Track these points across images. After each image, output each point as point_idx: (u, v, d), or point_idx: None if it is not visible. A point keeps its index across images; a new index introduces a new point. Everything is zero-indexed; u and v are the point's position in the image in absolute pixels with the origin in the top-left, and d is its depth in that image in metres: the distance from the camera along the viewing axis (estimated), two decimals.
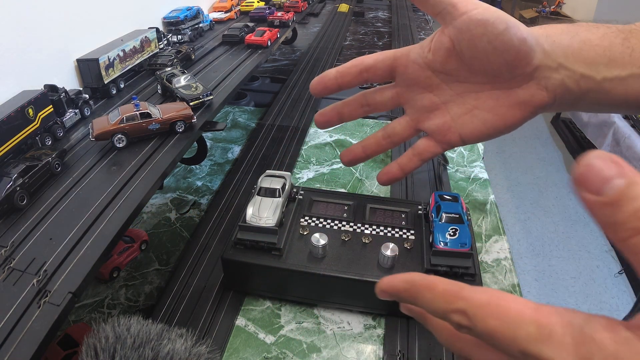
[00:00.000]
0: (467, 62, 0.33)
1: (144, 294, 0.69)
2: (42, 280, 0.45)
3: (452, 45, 0.33)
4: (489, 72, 0.33)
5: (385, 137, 0.40)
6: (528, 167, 2.77)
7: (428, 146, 0.38)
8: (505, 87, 0.33)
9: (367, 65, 0.37)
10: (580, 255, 2.08)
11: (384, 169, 0.41)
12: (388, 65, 0.37)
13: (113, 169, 0.64)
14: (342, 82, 0.37)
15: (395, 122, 0.39)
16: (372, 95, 0.39)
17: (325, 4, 2.44)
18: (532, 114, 0.34)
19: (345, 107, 0.39)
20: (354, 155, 0.41)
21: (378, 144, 0.40)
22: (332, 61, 1.59)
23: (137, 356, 0.43)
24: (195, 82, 0.85)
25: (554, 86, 0.32)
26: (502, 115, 0.34)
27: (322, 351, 0.59)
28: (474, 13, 0.31)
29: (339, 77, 0.37)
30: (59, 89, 0.76)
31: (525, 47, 0.31)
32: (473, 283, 0.58)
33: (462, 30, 0.32)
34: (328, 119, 0.40)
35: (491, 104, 0.34)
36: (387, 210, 0.69)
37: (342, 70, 0.37)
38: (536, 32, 0.32)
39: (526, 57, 0.31)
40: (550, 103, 0.33)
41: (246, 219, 0.62)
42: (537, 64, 0.32)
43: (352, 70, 0.37)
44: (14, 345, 0.39)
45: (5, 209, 0.54)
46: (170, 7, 1.27)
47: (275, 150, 1.03)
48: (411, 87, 0.37)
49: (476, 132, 0.35)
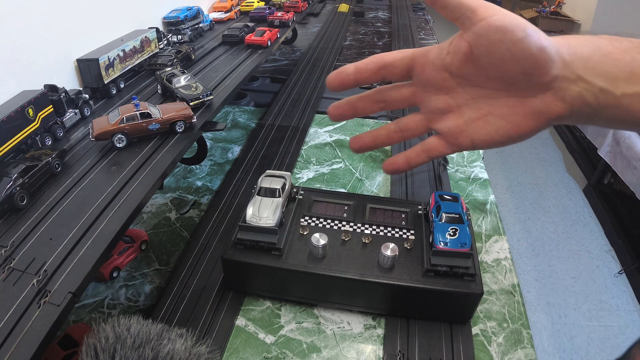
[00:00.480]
0: (484, 68, 0.33)
1: (144, 294, 0.69)
2: (42, 280, 0.45)
3: (470, 50, 0.33)
4: (505, 79, 0.33)
5: (397, 131, 0.39)
6: (528, 167, 2.77)
7: (438, 145, 0.38)
8: (521, 96, 0.33)
9: (385, 63, 0.36)
10: (580, 255, 2.08)
11: (391, 159, 0.41)
12: (406, 64, 0.36)
13: (113, 169, 0.64)
14: (360, 78, 0.37)
15: (409, 118, 0.39)
16: (388, 92, 0.39)
17: (325, 4, 2.44)
18: (546, 124, 0.33)
19: (360, 102, 0.39)
20: (363, 143, 0.41)
21: (389, 135, 0.40)
22: (332, 61, 1.59)
23: (137, 356, 0.43)
24: (195, 82, 0.85)
25: (571, 98, 0.31)
26: (515, 124, 0.34)
27: (322, 351, 0.59)
28: (493, 19, 0.31)
29: (357, 73, 0.36)
30: (59, 89, 0.76)
31: (544, 56, 0.30)
32: (473, 283, 0.58)
33: (481, 36, 0.31)
34: (342, 112, 0.39)
35: (505, 111, 0.34)
36: (387, 210, 0.69)
37: (361, 67, 0.37)
38: (557, 42, 0.31)
39: (544, 66, 0.31)
40: (566, 115, 0.32)
41: (246, 219, 0.62)
42: (556, 74, 0.31)
43: (370, 66, 0.36)
44: (14, 345, 0.39)
45: (5, 209, 0.54)
46: (170, 7, 1.27)
47: (275, 150, 1.03)
48: (427, 87, 0.37)
49: (488, 139, 0.35)
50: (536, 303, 1.82)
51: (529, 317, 0.65)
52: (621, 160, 1.97)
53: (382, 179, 0.96)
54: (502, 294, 0.69)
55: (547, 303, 1.82)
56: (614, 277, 1.95)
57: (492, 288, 0.70)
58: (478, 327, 0.63)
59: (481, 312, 0.65)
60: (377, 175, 0.97)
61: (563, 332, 1.69)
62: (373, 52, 1.80)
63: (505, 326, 0.63)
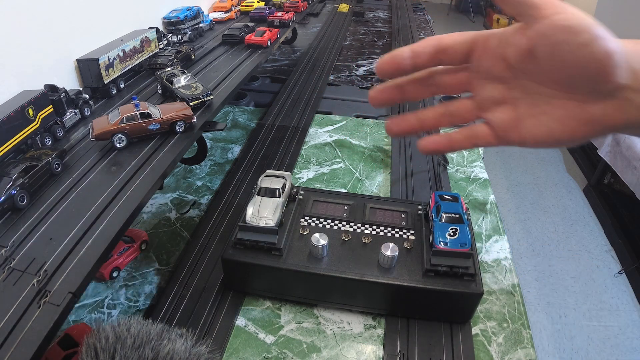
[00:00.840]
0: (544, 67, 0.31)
1: (144, 294, 0.69)
2: (42, 280, 0.45)
3: (530, 48, 0.30)
4: (565, 82, 0.31)
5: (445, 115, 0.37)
6: (528, 167, 2.77)
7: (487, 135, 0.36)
8: (580, 100, 0.31)
9: (444, 45, 0.34)
10: (580, 255, 2.08)
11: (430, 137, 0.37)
12: (466, 48, 0.34)
13: (113, 169, 0.64)
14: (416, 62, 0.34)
15: (459, 102, 0.37)
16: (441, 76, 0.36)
17: (325, 4, 2.44)
18: (600, 133, 0.31)
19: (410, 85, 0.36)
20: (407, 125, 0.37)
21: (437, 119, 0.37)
22: (332, 61, 1.59)
23: (137, 356, 0.43)
24: (195, 82, 0.85)
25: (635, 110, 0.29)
26: (569, 128, 0.32)
27: (322, 351, 0.59)
28: (557, 18, 0.28)
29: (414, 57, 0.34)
30: (59, 89, 0.76)
31: (611, 63, 0.28)
32: (473, 283, 0.58)
33: (543, 35, 0.29)
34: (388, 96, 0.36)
35: (561, 113, 0.32)
36: (387, 210, 0.69)
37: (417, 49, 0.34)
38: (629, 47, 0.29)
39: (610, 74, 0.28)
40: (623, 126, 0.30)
41: (246, 219, 0.62)
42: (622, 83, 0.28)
43: (427, 49, 0.34)
44: (14, 345, 0.39)
45: (6, 209, 0.54)
46: (170, 7, 1.27)
47: (275, 150, 1.03)
48: (484, 74, 0.34)
49: (537, 138, 0.33)
50: (536, 303, 1.82)
51: (529, 317, 0.65)
52: (621, 160, 1.97)
53: (382, 179, 0.96)
54: (502, 294, 0.69)
55: (547, 303, 1.82)
56: (614, 277, 1.95)
57: (492, 288, 0.70)
58: (478, 327, 0.63)
59: (481, 312, 0.65)
60: (377, 175, 0.97)
61: (563, 332, 1.69)
62: (373, 52, 1.81)
63: (505, 326, 0.63)
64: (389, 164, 1.00)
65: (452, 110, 0.37)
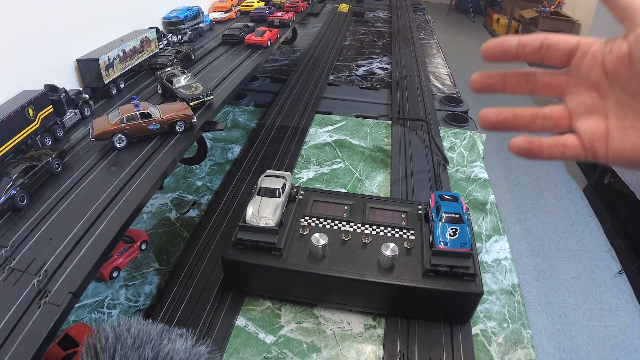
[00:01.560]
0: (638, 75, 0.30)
1: (144, 294, 0.69)
2: (42, 280, 0.45)
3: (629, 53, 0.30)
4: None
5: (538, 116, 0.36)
6: (528, 167, 2.77)
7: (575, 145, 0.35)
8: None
9: (550, 42, 0.34)
10: (580, 255, 2.08)
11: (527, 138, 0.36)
12: (570, 49, 0.34)
13: (113, 169, 0.64)
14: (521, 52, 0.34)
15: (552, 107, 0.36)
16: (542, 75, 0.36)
17: (325, 4, 2.44)
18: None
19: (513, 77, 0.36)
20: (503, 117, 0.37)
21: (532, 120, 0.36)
22: (332, 61, 1.59)
23: (137, 356, 0.43)
24: (195, 82, 0.85)
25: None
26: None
27: (322, 351, 0.59)
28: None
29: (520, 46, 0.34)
30: (59, 89, 0.76)
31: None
32: (473, 283, 0.58)
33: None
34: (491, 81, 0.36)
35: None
36: (387, 210, 0.69)
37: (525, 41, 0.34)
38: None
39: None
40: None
41: (246, 219, 0.62)
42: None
43: (534, 43, 0.34)
44: (14, 346, 0.39)
45: (6, 209, 0.54)
46: (170, 7, 1.27)
47: (275, 150, 1.03)
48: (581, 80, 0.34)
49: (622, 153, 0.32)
50: (536, 303, 1.82)
51: (529, 317, 0.65)
52: None
53: (382, 179, 0.96)
54: (502, 294, 0.69)
55: (547, 303, 1.82)
56: (614, 277, 1.95)
57: (492, 288, 0.70)
58: (478, 327, 0.63)
59: (481, 312, 0.65)
60: (377, 175, 0.97)
61: (563, 332, 1.69)
62: (373, 52, 1.81)
63: (505, 326, 0.63)
64: (389, 164, 1.00)
65: (545, 113, 0.36)
